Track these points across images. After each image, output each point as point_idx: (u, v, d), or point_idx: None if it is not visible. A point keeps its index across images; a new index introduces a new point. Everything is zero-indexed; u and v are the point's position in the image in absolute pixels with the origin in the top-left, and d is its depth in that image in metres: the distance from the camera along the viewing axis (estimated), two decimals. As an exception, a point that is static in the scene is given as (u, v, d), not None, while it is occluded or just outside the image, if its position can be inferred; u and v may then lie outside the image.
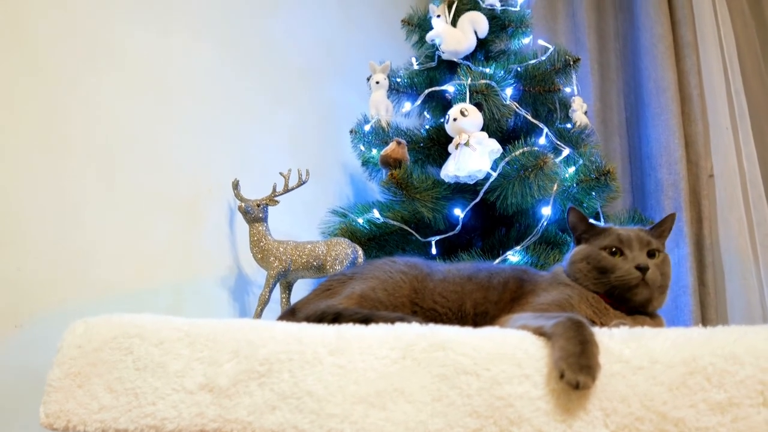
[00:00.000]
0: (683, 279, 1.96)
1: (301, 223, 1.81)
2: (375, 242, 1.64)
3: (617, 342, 0.75)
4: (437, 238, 1.49)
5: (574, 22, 2.52)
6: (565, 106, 1.85)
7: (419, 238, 1.54)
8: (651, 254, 0.94)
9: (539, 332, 0.77)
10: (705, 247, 2.03)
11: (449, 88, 1.64)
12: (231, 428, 0.76)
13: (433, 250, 1.51)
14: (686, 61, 2.20)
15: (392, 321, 0.85)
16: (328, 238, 1.58)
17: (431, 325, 0.82)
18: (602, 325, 0.90)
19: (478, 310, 0.95)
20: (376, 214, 1.60)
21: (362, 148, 1.83)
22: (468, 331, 0.80)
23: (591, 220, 1.01)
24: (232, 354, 0.82)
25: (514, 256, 1.42)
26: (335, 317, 0.91)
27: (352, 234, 1.61)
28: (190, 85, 1.56)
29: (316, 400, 0.76)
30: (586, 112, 1.93)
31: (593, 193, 1.47)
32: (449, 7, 1.76)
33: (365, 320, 0.87)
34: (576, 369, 0.67)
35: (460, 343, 0.77)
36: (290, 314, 1.04)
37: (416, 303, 0.98)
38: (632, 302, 0.93)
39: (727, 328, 0.77)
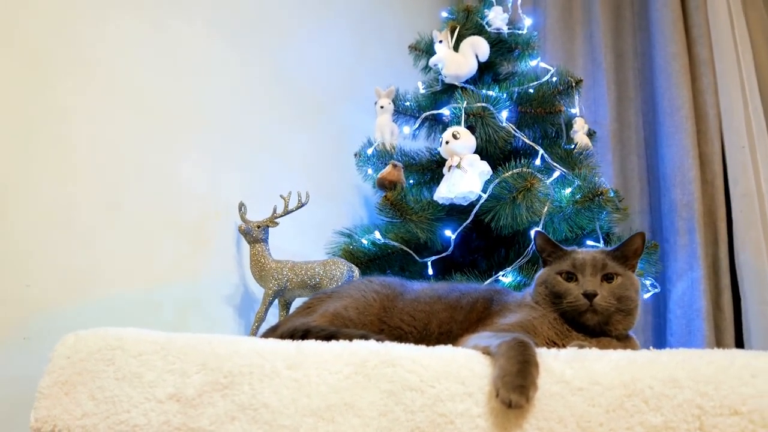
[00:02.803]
0: (696, 302, 1.90)
1: (316, 244, 1.86)
2: (377, 262, 1.68)
3: (561, 362, 0.76)
4: (433, 258, 1.52)
5: (591, 43, 2.51)
6: (572, 126, 1.85)
7: (417, 258, 1.57)
8: (609, 278, 0.94)
9: (486, 352, 0.79)
10: (721, 270, 1.96)
11: (445, 111, 1.68)
12: (193, 436, 0.82)
13: (430, 271, 1.54)
14: (702, 80, 2.16)
15: (354, 338, 0.89)
16: (333, 257, 1.63)
17: (387, 343, 0.86)
18: (563, 347, 0.91)
19: (443, 329, 0.98)
20: (377, 235, 1.64)
21: (370, 171, 1.89)
22: (420, 349, 0.83)
23: (557, 243, 1.02)
24: (200, 366, 0.87)
25: (506, 277, 1.43)
26: (304, 334, 0.95)
27: (354, 255, 1.65)
28: (200, 111, 1.64)
29: (270, 411, 0.80)
30: (593, 133, 1.93)
31: (588, 214, 1.46)
32: (452, 33, 1.80)
33: (330, 337, 0.92)
34: (510, 388, 0.69)
35: (410, 361, 0.80)
36: (272, 331, 1.09)
37: (384, 321, 1.01)
38: (586, 326, 0.93)
39: (673, 351, 0.77)
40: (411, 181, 1.87)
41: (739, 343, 1.89)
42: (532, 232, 1.44)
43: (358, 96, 2.25)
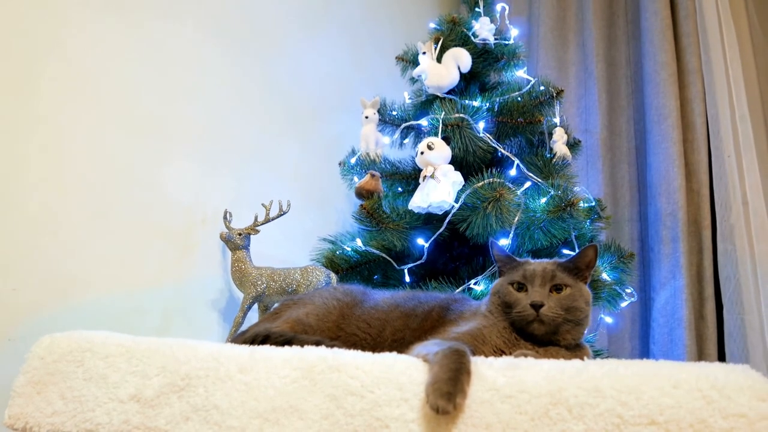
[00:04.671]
0: (678, 311, 1.90)
1: (305, 250, 1.90)
2: (359, 269, 1.71)
3: (495, 371, 0.79)
4: (408, 266, 1.56)
5: (583, 52, 2.53)
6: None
7: (396, 266, 1.60)
8: (558, 289, 0.97)
9: (425, 360, 0.82)
10: (705, 279, 1.96)
11: (423, 122, 1.71)
12: (150, 435, 0.86)
13: (406, 278, 1.57)
14: (691, 89, 2.16)
15: (308, 344, 0.93)
16: (316, 264, 1.68)
17: (336, 349, 0.90)
18: (511, 355, 0.94)
19: (396, 336, 1.01)
20: (358, 242, 1.68)
21: (356, 179, 1.93)
22: (365, 355, 0.87)
23: (510, 254, 1.05)
24: (160, 369, 0.92)
25: (478, 285, 1.46)
26: (264, 339, 1.00)
27: (337, 262, 1.69)
28: (189, 118, 1.68)
29: (220, 413, 0.84)
30: (578, 142, 1.95)
31: (562, 224, 1.48)
32: (436, 44, 1.84)
33: (287, 342, 0.96)
34: (438, 394, 0.72)
35: (354, 366, 0.84)
36: (240, 336, 1.14)
37: (342, 328, 1.05)
38: (534, 336, 0.95)
39: (602, 361, 0.80)
40: (399, 189, 1.90)
41: (722, 352, 1.90)
42: (502, 241, 1.47)
43: (351, 105, 2.29)
